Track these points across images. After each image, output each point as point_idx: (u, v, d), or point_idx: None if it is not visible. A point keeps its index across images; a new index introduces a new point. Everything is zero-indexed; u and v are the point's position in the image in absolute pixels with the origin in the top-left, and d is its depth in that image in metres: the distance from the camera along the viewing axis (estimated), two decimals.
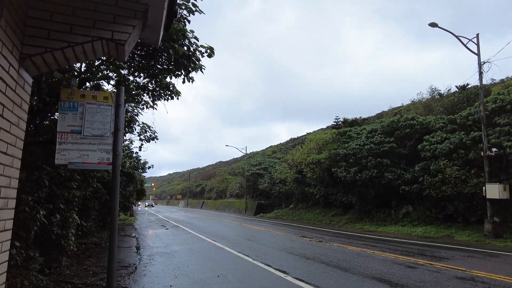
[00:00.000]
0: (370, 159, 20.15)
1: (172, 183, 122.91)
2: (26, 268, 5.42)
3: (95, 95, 3.00)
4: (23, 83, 2.21)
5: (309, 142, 30.23)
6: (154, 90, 7.86)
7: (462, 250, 10.79)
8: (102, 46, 2.39)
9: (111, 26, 2.36)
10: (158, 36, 2.85)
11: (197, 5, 5.60)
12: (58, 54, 2.25)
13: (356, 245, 11.87)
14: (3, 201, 2.00)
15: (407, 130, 20.12)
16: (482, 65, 14.73)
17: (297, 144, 54.18)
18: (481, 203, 14.99)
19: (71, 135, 2.86)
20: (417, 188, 17.90)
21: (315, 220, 25.17)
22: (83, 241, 10.81)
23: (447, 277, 6.94)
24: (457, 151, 16.24)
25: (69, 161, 2.84)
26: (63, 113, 2.87)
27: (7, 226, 2.09)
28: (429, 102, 29.59)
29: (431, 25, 15.01)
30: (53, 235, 6.54)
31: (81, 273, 7.03)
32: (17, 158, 2.17)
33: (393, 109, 43.73)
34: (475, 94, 22.55)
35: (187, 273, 7.29)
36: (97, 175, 10.25)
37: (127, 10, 2.41)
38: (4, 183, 2.00)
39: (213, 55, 6.25)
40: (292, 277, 6.85)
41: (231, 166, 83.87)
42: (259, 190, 41.94)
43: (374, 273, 7.20)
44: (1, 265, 2.04)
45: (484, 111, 14.88)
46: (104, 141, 2.94)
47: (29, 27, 2.17)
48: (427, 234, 15.45)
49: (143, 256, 9.45)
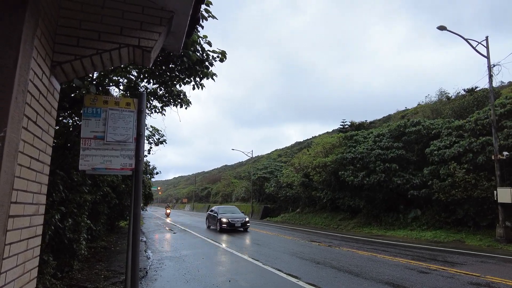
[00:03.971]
0: (378, 163, 20.04)
1: (178, 186, 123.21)
2: (40, 272, 5.45)
3: (117, 101, 3.03)
4: (53, 90, 2.24)
5: (315, 146, 30.16)
6: (164, 96, 7.90)
7: (474, 255, 10.65)
8: (128, 53, 2.42)
9: (137, 33, 2.39)
10: (180, 43, 2.88)
11: (209, 11, 5.62)
12: (86, 61, 2.28)
13: (365, 249, 11.77)
14: (35, 207, 2.02)
15: (413, 136, 20.03)
16: (491, 68, 14.62)
17: (303, 147, 54.06)
18: (492, 207, 14.80)
19: (94, 141, 2.89)
20: (426, 192, 17.76)
21: (322, 224, 25.02)
22: (93, 245, 10.85)
23: (461, 282, 6.84)
24: (467, 155, 16.09)
25: (93, 166, 2.86)
26: (87, 119, 2.91)
27: (38, 232, 2.11)
28: (437, 105, 29.41)
29: (439, 28, 14.95)
30: (66, 239, 6.58)
31: (93, 277, 7.05)
32: (46, 165, 2.20)
33: (400, 112, 43.51)
34: (484, 97, 22.38)
35: (198, 278, 7.28)
36: (107, 179, 10.33)
37: (153, 17, 2.44)
38: (36, 189, 2.02)
39: (225, 60, 6.26)
40: (304, 282, 6.80)
41: (236, 170, 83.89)
42: (265, 194, 41.84)
43: (386, 278, 7.13)
44: (32, 270, 2.06)
45: (494, 114, 14.74)
46: (127, 147, 2.96)
47: (59, 35, 2.20)
48: (436, 238, 15.28)
49: (153, 260, 9.46)
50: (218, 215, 19.30)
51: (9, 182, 1.68)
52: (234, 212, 20.58)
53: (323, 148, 27.39)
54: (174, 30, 2.69)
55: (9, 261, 1.74)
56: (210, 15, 5.74)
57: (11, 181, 1.70)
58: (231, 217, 18.77)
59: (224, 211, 20.25)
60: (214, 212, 20.67)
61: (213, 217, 20.10)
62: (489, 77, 14.83)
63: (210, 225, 20.97)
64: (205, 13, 5.68)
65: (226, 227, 18.17)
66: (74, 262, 7.22)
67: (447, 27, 14.91)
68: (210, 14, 5.73)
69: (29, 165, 1.91)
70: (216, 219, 19.37)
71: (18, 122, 1.73)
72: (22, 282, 1.93)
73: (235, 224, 18.26)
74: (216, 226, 19.23)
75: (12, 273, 1.78)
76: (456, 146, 16.68)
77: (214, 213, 20.26)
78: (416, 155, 19.99)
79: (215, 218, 19.66)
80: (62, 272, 6.81)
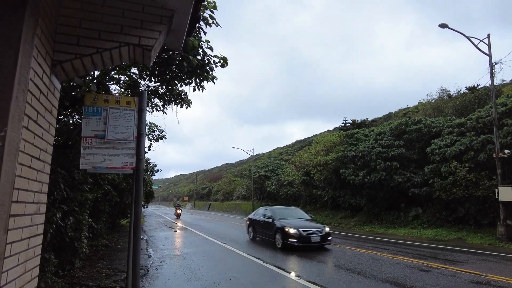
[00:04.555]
0: (379, 162, 20.04)
1: (179, 185, 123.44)
2: (42, 270, 5.47)
3: (118, 100, 3.03)
4: (53, 89, 2.24)
5: (316, 144, 30.16)
6: (165, 94, 7.90)
7: (475, 254, 10.64)
8: (128, 51, 2.42)
9: (138, 31, 2.38)
10: (181, 42, 2.87)
11: (214, 17, 5.57)
12: (86, 60, 2.28)
13: (366, 248, 11.78)
14: (36, 206, 2.02)
15: (414, 135, 19.99)
16: (493, 66, 14.57)
17: (304, 146, 54.07)
18: (493, 205, 14.78)
19: (95, 140, 2.89)
20: (427, 190, 17.75)
21: (323, 223, 25.04)
22: (94, 243, 10.88)
23: (462, 281, 6.84)
24: (468, 153, 16.07)
25: (94, 165, 2.87)
26: (87, 118, 2.91)
27: (39, 231, 2.12)
28: (438, 103, 29.36)
29: (441, 26, 14.89)
30: (67, 237, 6.60)
31: (94, 275, 7.07)
32: (47, 164, 2.20)
33: (401, 110, 43.44)
34: (486, 95, 22.32)
35: (199, 276, 7.30)
36: (108, 177, 10.35)
37: (153, 15, 2.43)
38: (36, 188, 2.02)
39: (226, 65, 6.26)
40: (305, 280, 6.81)
41: (237, 168, 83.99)
42: (266, 193, 41.88)
43: (387, 277, 7.13)
44: (34, 269, 2.06)
45: (496, 112, 14.70)
46: (128, 146, 2.96)
47: (59, 34, 2.20)
48: (437, 237, 15.28)
49: (154, 258, 9.49)
50: (275, 222, 12.29)
51: (10, 181, 1.68)
52: (299, 216, 13.48)
53: (324, 146, 27.38)
54: (174, 28, 2.68)
55: (10, 260, 1.74)
56: (215, 22, 5.69)
57: (12, 180, 1.70)
58: (302, 226, 11.60)
59: (283, 214, 13.24)
60: (267, 216, 13.24)
61: (266, 225, 12.89)
62: (490, 75, 14.79)
63: (258, 235, 13.81)
64: (210, 19, 5.65)
65: (296, 242, 11.00)
66: (75, 260, 7.24)
67: (448, 25, 14.85)
68: (214, 21, 5.69)
69: (30, 164, 1.91)
70: (273, 227, 12.27)
71: (18, 121, 1.73)
72: (24, 281, 1.93)
73: (310, 238, 11.19)
74: (272, 239, 12.10)
75: (13, 272, 1.78)
76: (457, 144, 16.65)
77: (268, 218, 13.01)
78: (417, 154, 19.98)
79: (270, 226, 12.57)
80: (64, 270, 6.83)
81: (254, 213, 15.15)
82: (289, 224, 11.69)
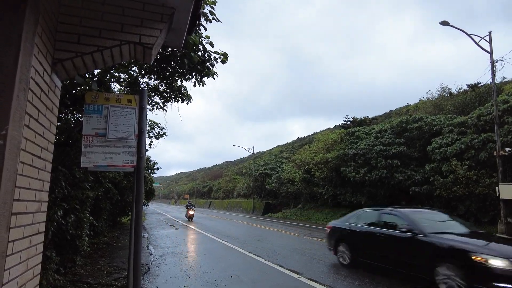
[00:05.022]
0: (380, 159, 20.04)
1: (180, 182, 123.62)
2: (43, 268, 5.50)
3: (119, 98, 3.03)
4: (54, 87, 2.24)
5: (317, 142, 30.15)
6: (165, 91, 7.89)
7: None
8: (129, 50, 2.42)
9: (138, 29, 2.38)
10: (182, 40, 2.87)
11: (214, 13, 5.56)
12: (87, 58, 2.28)
13: None
14: (37, 204, 2.03)
15: (414, 133, 19.98)
16: (494, 63, 14.53)
17: (304, 143, 54.09)
18: (494, 203, 14.79)
19: (96, 138, 2.90)
20: (427, 188, 17.77)
21: (324, 221, 25.04)
22: (95, 241, 10.92)
23: None
24: (469, 151, 16.07)
25: (95, 163, 2.87)
26: (88, 116, 2.91)
27: (41, 229, 2.12)
28: (439, 101, 29.32)
29: (442, 23, 14.84)
30: (68, 235, 6.63)
31: (96, 273, 7.10)
32: (48, 162, 2.20)
33: (402, 107, 43.39)
34: (487, 93, 22.28)
35: (200, 273, 7.32)
36: (109, 175, 10.36)
37: (154, 13, 2.43)
38: (38, 186, 2.03)
39: (226, 61, 6.26)
40: (306, 278, 6.83)
41: (237, 166, 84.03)
42: (266, 190, 41.93)
43: None
44: (36, 267, 2.07)
45: (497, 110, 14.67)
46: (128, 144, 2.97)
47: (60, 32, 2.20)
48: None
49: (155, 256, 9.52)
50: (428, 239, 6.07)
51: (11, 180, 1.68)
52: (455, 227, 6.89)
53: (324, 144, 27.38)
54: (175, 26, 2.68)
55: (13, 258, 1.75)
56: (215, 18, 5.68)
57: (13, 179, 1.71)
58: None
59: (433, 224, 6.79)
60: (392, 225, 7.14)
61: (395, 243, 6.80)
62: (491, 72, 14.75)
63: (367, 260, 7.47)
64: (210, 15, 5.64)
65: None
66: (77, 258, 7.27)
67: (450, 22, 14.80)
68: (214, 16, 5.68)
69: (31, 162, 1.92)
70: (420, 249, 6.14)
71: (19, 120, 1.73)
72: (26, 278, 1.94)
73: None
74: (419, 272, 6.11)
75: (15, 270, 1.79)
76: (458, 143, 16.64)
77: (395, 229, 6.92)
78: (418, 151, 19.97)
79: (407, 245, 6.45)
80: (65, 267, 6.86)
81: (347, 218, 9.01)
82: (474, 246, 5.54)
